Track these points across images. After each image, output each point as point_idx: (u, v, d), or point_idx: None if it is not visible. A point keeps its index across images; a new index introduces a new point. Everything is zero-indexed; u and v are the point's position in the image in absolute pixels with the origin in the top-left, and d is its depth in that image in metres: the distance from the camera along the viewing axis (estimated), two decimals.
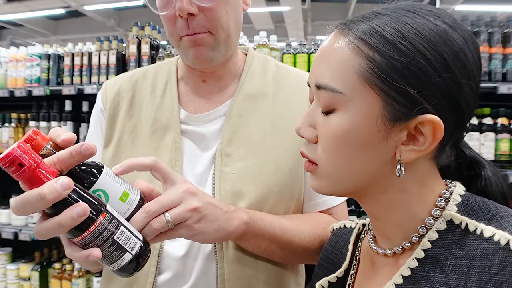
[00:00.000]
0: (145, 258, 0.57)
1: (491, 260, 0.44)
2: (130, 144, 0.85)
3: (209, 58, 0.80)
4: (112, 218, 0.54)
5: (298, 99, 0.87)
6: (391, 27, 0.47)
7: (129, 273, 0.57)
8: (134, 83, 0.91)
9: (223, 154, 0.81)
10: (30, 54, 2.40)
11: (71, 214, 0.50)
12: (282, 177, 0.81)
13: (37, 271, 2.32)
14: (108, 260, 0.55)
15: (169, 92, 0.88)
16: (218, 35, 0.78)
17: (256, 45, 2.03)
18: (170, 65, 0.92)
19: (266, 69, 0.90)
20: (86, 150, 0.53)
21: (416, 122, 0.47)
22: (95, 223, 0.52)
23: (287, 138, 0.83)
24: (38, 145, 0.53)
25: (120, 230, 0.54)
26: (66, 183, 0.49)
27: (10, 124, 2.45)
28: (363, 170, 0.51)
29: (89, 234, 0.52)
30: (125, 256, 0.55)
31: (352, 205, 1.92)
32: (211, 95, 0.88)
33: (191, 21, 0.75)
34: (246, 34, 2.14)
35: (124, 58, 2.26)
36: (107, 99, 0.89)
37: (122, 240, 0.54)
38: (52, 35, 9.53)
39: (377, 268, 0.57)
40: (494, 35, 1.86)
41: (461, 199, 0.51)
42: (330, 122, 0.50)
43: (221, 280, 0.77)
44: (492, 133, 1.86)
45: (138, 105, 0.88)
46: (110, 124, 0.88)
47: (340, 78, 0.49)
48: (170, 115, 0.85)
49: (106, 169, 0.58)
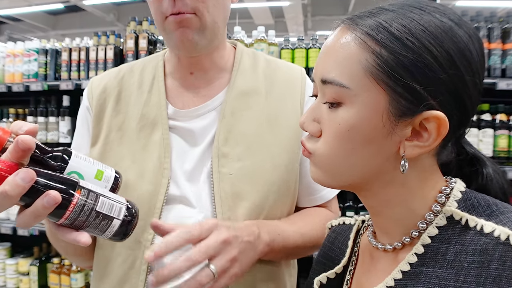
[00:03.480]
0: (134, 219, 0.59)
1: (491, 255, 0.44)
2: (118, 141, 0.84)
3: (194, 41, 0.78)
4: (88, 192, 0.55)
5: (290, 94, 0.87)
6: (398, 23, 0.47)
7: (124, 237, 0.59)
8: (120, 79, 0.89)
9: (220, 154, 0.80)
10: (27, 49, 2.39)
11: (42, 204, 0.50)
12: (279, 174, 0.81)
13: (36, 266, 2.32)
14: (98, 231, 0.56)
15: (156, 87, 0.86)
16: (204, 18, 0.76)
17: (254, 40, 2.02)
18: (157, 59, 0.91)
19: (256, 65, 0.89)
20: (21, 145, 0.51)
21: (421, 118, 0.48)
22: (72, 202, 0.53)
23: (282, 135, 0.83)
24: (0, 140, 0.53)
25: (100, 201, 0.56)
26: (26, 175, 0.49)
27: (8, 119, 2.45)
28: (364, 165, 0.51)
29: (70, 213, 0.53)
30: (114, 223, 0.57)
31: (350, 201, 1.92)
32: (198, 88, 0.86)
33: (177, 1, 0.74)
34: (246, 29, 2.13)
35: (122, 53, 2.25)
36: (93, 96, 0.88)
37: (105, 210, 0.56)
38: (51, 30, 9.50)
39: (377, 264, 0.58)
40: (494, 31, 1.85)
41: (462, 195, 0.51)
42: (335, 116, 0.50)
43: None
44: (490, 129, 1.86)
45: (125, 101, 0.86)
46: (97, 122, 0.86)
47: (347, 73, 0.49)
48: (157, 110, 0.84)
49: (75, 153, 0.59)
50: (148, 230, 0.76)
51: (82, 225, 0.55)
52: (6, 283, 2.37)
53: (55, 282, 2.27)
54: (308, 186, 0.87)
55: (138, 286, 0.77)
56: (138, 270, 0.77)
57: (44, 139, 2.30)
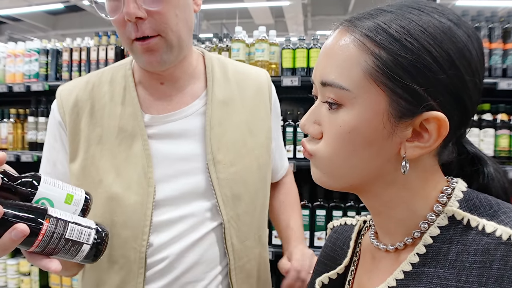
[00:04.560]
0: (103, 243, 0.61)
1: (493, 255, 0.44)
2: (99, 155, 0.84)
3: (162, 61, 0.80)
4: (57, 220, 0.56)
5: (261, 99, 0.95)
6: (396, 24, 0.47)
7: (95, 258, 0.61)
8: (90, 91, 0.88)
9: (215, 162, 0.85)
10: (28, 49, 2.39)
11: (9, 237, 0.51)
12: (263, 173, 0.93)
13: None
14: (69, 256, 0.58)
15: (129, 98, 0.86)
16: (169, 38, 0.78)
17: (255, 40, 2.02)
18: (124, 68, 0.90)
19: (226, 73, 0.93)
20: None
21: (421, 119, 0.47)
22: (41, 231, 0.54)
23: (260, 137, 0.93)
24: None
25: (69, 228, 0.57)
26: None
27: (9, 119, 2.45)
28: (365, 166, 0.51)
29: (40, 242, 0.54)
30: (84, 248, 0.59)
31: (351, 201, 1.92)
32: (171, 96, 0.88)
33: (140, 25, 0.75)
34: (246, 29, 2.13)
35: (123, 53, 2.25)
36: (65, 111, 0.87)
37: (74, 236, 0.58)
38: (51, 30, 9.49)
39: (378, 264, 0.58)
40: (495, 31, 1.85)
41: (463, 195, 0.51)
42: (336, 118, 0.50)
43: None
44: (491, 129, 1.86)
45: (100, 114, 0.86)
46: (73, 138, 0.86)
47: (346, 75, 0.49)
48: (134, 122, 0.84)
49: (44, 178, 0.59)
50: (141, 237, 0.80)
51: (52, 251, 0.56)
52: (7, 283, 2.37)
53: (56, 283, 2.28)
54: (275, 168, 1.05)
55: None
56: (135, 274, 0.81)
57: (44, 139, 2.29)
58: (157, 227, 0.82)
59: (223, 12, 7.14)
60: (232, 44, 2.03)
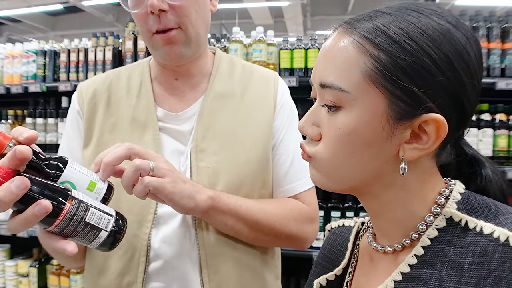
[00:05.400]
0: (121, 232, 0.62)
1: (491, 256, 0.44)
2: (111, 143, 0.84)
3: (180, 54, 0.84)
4: (79, 202, 0.57)
5: (263, 96, 0.94)
6: (396, 26, 0.47)
7: (111, 247, 0.61)
8: (108, 85, 0.94)
9: (198, 150, 0.86)
10: (26, 50, 2.38)
11: (32, 212, 0.53)
12: (254, 167, 0.87)
13: (36, 268, 2.32)
14: (86, 241, 0.59)
15: (144, 91, 0.91)
16: (188, 32, 0.83)
17: (253, 41, 2.02)
18: (142, 66, 0.96)
19: (233, 70, 0.96)
20: (19, 155, 0.53)
21: (420, 121, 0.48)
22: (63, 211, 0.55)
23: (255, 131, 0.90)
24: (1, 144, 0.54)
25: (90, 212, 0.58)
26: (20, 183, 0.52)
27: (7, 121, 2.45)
28: (364, 168, 0.51)
29: (60, 222, 0.55)
30: (101, 234, 0.59)
31: (349, 201, 1.92)
32: (184, 93, 0.92)
33: (162, 17, 0.80)
34: (245, 29, 2.12)
35: (121, 54, 2.25)
36: (84, 101, 0.92)
37: (94, 221, 0.58)
38: (51, 31, 9.49)
39: (376, 266, 0.58)
40: (493, 30, 1.85)
41: (461, 197, 0.51)
42: (335, 120, 0.50)
43: (204, 266, 0.82)
44: (490, 129, 1.86)
45: (115, 105, 0.91)
46: (88, 125, 0.91)
47: (345, 77, 0.49)
48: (147, 113, 0.89)
49: (71, 162, 0.61)
50: (145, 224, 0.82)
51: (70, 233, 0.57)
52: (5, 284, 2.37)
53: (54, 284, 2.27)
54: (276, 179, 0.91)
55: (138, 277, 0.81)
56: (137, 262, 0.82)
57: (43, 140, 2.30)
58: (160, 218, 0.83)
59: (222, 12, 7.15)
60: (230, 45, 2.03)
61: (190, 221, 0.84)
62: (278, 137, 0.92)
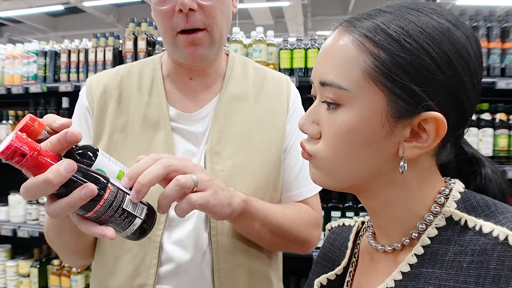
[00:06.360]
0: (153, 220, 0.62)
1: (490, 255, 0.44)
2: (122, 142, 0.86)
3: (204, 56, 0.83)
4: (117, 189, 0.57)
5: (277, 99, 0.93)
6: (395, 25, 0.48)
7: (140, 236, 0.61)
8: (119, 81, 0.91)
9: (213, 153, 0.84)
10: (26, 51, 2.39)
11: (79, 195, 0.53)
12: (268, 171, 0.87)
13: (36, 268, 2.32)
14: (121, 228, 0.59)
15: (156, 90, 0.89)
16: (214, 33, 0.81)
17: (253, 41, 2.02)
18: (154, 62, 0.93)
19: (246, 72, 0.95)
20: (70, 137, 0.54)
21: (419, 119, 0.48)
22: (103, 197, 0.55)
23: (270, 134, 0.89)
24: (35, 132, 0.55)
25: (127, 199, 0.58)
26: (69, 165, 0.52)
27: (8, 121, 2.45)
28: (364, 166, 0.51)
29: (100, 207, 0.55)
30: (136, 221, 0.59)
31: (349, 201, 1.92)
32: (197, 93, 0.90)
33: (190, 16, 0.77)
34: (246, 30, 2.13)
35: (121, 54, 2.25)
36: (93, 97, 0.89)
37: (130, 208, 0.58)
38: (51, 32, 9.51)
39: (376, 265, 0.58)
40: (493, 30, 1.85)
41: (461, 196, 0.51)
42: (335, 118, 0.50)
43: (216, 270, 0.81)
44: (490, 129, 1.86)
45: (127, 102, 0.88)
46: (98, 122, 0.88)
47: (345, 75, 0.49)
48: (159, 112, 0.87)
49: (101, 151, 0.62)
50: (157, 226, 0.80)
51: (107, 220, 0.57)
52: (6, 285, 2.37)
53: (55, 284, 2.27)
54: (285, 183, 0.91)
55: (149, 279, 0.80)
56: (148, 264, 0.80)
57: None
58: (172, 221, 0.82)
59: None
60: (230, 45, 2.03)
61: (203, 225, 0.83)
62: (289, 141, 0.92)
